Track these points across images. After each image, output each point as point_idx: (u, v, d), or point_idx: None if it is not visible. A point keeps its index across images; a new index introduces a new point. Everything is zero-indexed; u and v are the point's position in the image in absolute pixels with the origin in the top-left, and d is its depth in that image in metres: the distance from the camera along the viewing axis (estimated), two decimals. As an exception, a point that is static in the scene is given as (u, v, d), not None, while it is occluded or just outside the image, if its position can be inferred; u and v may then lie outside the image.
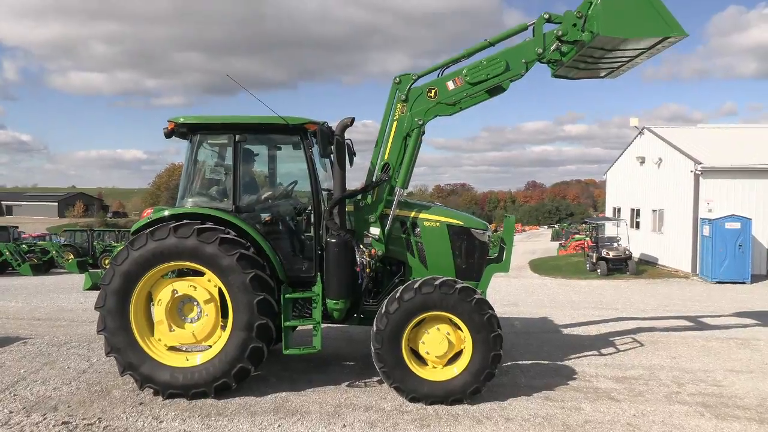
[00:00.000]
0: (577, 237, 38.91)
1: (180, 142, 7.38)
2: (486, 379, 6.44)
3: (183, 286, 6.66)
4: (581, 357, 8.68)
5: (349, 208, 7.30)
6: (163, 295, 6.63)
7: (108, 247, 32.05)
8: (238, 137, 7.01)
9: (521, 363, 8.23)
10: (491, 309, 6.44)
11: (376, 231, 7.15)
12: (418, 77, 7.25)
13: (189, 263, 6.58)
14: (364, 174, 7.46)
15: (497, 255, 7.66)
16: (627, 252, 24.22)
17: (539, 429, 5.88)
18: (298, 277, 7.05)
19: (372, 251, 7.02)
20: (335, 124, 7.07)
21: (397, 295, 6.43)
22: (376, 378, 7.13)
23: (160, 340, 6.68)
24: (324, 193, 7.32)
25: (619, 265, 23.76)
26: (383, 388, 6.89)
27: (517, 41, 7.30)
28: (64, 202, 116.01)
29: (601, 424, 6.04)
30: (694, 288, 19.25)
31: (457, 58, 7.28)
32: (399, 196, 7.19)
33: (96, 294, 6.77)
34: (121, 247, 6.79)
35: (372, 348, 6.45)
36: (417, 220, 7.33)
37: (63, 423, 5.88)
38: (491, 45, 7.29)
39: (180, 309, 6.74)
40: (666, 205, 24.65)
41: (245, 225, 6.78)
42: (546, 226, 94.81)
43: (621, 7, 6.77)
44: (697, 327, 11.31)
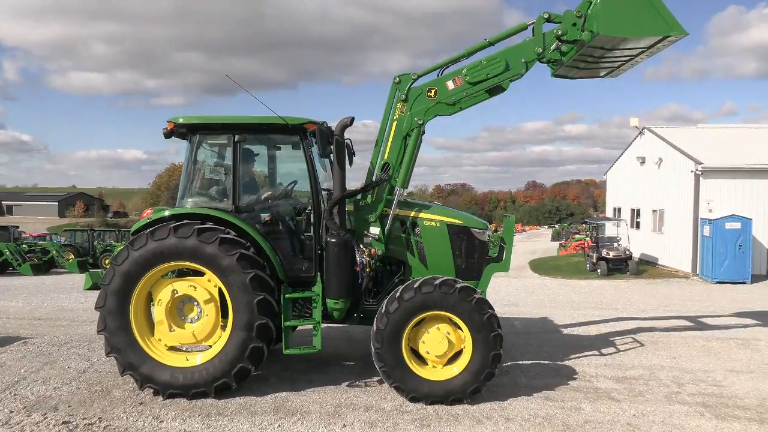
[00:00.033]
0: (578, 237, 38.90)
1: (180, 142, 7.39)
2: (486, 379, 6.44)
3: (183, 286, 6.67)
4: (581, 357, 8.68)
5: (349, 207, 7.30)
6: (163, 295, 6.63)
7: (108, 247, 32.08)
8: (237, 137, 7.01)
9: (521, 363, 8.23)
10: (491, 308, 6.44)
11: (376, 231, 7.15)
12: (417, 77, 7.24)
13: (189, 263, 6.58)
14: (363, 174, 7.45)
15: (497, 254, 7.67)
16: (627, 252, 24.23)
17: (539, 429, 5.88)
18: (298, 277, 7.05)
19: (372, 251, 7.03)
20: (335, 123, 7.08)
21: (397, 295, 6.43)
22: (376, 378, 7.13)
23: (160, 340, 6.69)
24: (324, 193, 7.32)
25: (620, 265, 23.77)
26: (383, 388, 6.89)
27: (517, 41, 7.31)
28: (64, 202, 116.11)
29: (601, 424, 6.04)
30: (694, 288, 19.25)
31: (457, 57, 7.27)
32: (399, 195, 7.19)
33: (96, 294, 6.78)
34: (122, 247, 6.79)
35: (372, 347, 6.45)
36: (417, 219, 7.33)
37: (63, 422, 5.88)
38: (491, 44, 7.29)
39: (180, 309, 6.74)
40: (666, 205, 24.64)
41: (245, 225, 6.78)
42: (546, 226, 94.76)
43: (621, 7, 6.77)
44: (698, 327, 11.31)
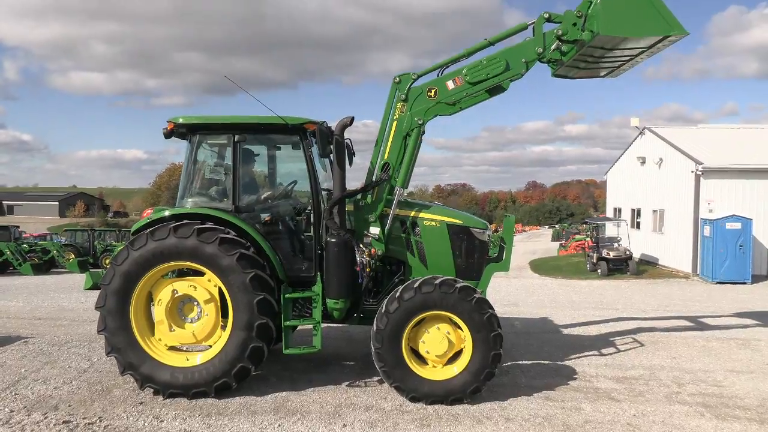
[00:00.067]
0: (578, 237, 38.94)
1: (180, 142, 7.39)
2: (486, 379, 6.43)
3: (183, 286, 6.67)
4: (581, 357, 8.67)
5: (349, 207, 7.30)
6: (164, 295, 6.63)
7: (109, 247, 32.10)
8: (237, 137, 7.02)
9: (521, 363, 8.23)
10: (491, 308, 6.44)
11: (376, 230, 7.15)
12: (418, 77, 7.24)
13: (189, 263, 6.58)
14: (363, 174, 7.45)
15: (497, 254, 7.67)
16: (627, 252, 24.23)
17: (539, 429, 5.88)
18: (298, 277, 7.05)
19: (372, 251, 7.02)
20: (335, 123, 7.08)
21: (397, 295, 6.43)
22: (376, 378, 7.13)
23: (160, 339, 6.69)
24: (324, 193, 7.32)
25: (620, 266, 23.77)
26: (383, 387, 6.89)
27: (517, 41, 7.31)
28: (64, 201, 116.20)
29: (602, 424, 6.03)
30: (694, 288, 19.25)
31: (457, 57, 7.27)
32: (399, 195, 7.19)
33: (96, 293, 6.78)
34: (122, 247, 6.79)
35: (372, 347, 6.45)
36: (417, 219, 7.33)
37: (64, 422, 5.88)
38: (491, 44, 7.28)
39: (180, 309, 6.74)
40: (666, 206, 24.64)
41: (245, 225, 6.78)
42: (546, 226, 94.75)
43: (621, 6, 6.76)
44: (698, 327, 11.31)
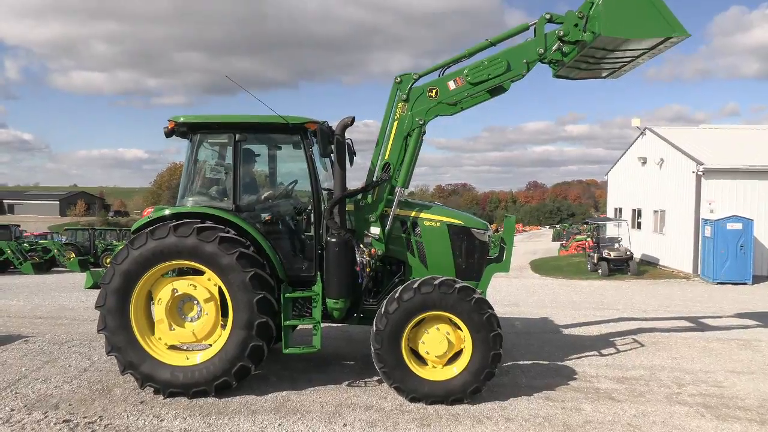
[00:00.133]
0: (579, 237, 38.97)
1: (181, 141, 7.38)
2: (486, 379, 6.43)
3: (183, 285, 6.67)
4: (582, 357, 8.67)
5: (350, 207, 7.29)
6: (163, 294, 6.63)
7: (109, 246, 32.11)
8: (238, 137, 7.02)
9: (522, 363, 8.23)
10: (491, 308, 6.44)
11: (376, 230, 7.15)
12: (419, 77, 7.24)
13: (189, 262, 6.58)
14: (364, 173, 7.47)
15: (497, 255, 7.66)
16: (628, 252, 24.22)
17: (540, 429, 5.88)
18: (298, 277, 7.05)
19: (372, 251, 7.02)
20: (335, 123, 7.08)
21: (397, 295, 6.42)
22: (376, 377, 7.13)
23: (160, 339, 6.69)
24: (324, 193, 7.32)
25: (621, 266, 23.76)
26: (383, 387, 6.89)
27: (519, 41, 7.30)
28: (65, 200, 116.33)
29: (602, 424, 6.03)
30: (695, 289, 19.23)
31: (458, 57, 7.27)
32: (399, 195, 7.19)
33: (97, 293, 6.78)
34: (122, 247, 6.80)
35: (372, 348, 6.45)
36: (417, 219, 7.33)
37: (64, 421, 5.89)
38: (492, 45, 7.28)
39: (180, 308, 6.74)
40: (667, 206, 24.62)
41: (245, 224, 6.78)
42: (547, 226, 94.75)
43: (622, 8, 6.75)
44: (699, 328, 11.30)
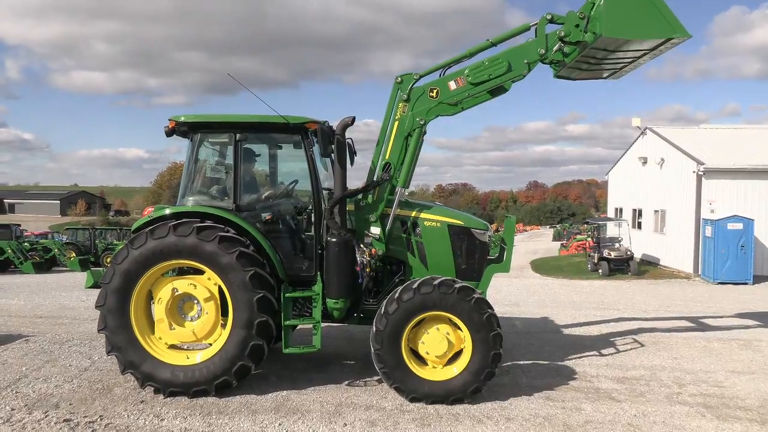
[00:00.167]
0: (579, 237, 38.95)
1: (182, 140, 7.39)
2: (486, 379, 6.43)
3: (183, 284, 6.67)
4: (582, 357, 8.67)
5: (350, 207, 7.29)
6: (164, 294, 6.64)
7: (110, 246, 32.16)
8: (238, 136, 7.01)
9: (522, 363, 8.22)
10: (490, 308, 6.43)
11: (376, 230, 7.15)
12: (420, 77, 7.23)
13: (189, 261, 6.58)
14: (365, 173, 7.46)
15: (498, 255, 7.66)
16: (629, 252, 24.21)
17: (540, 429, 5.88)
18: (298, 276, 7.05)
19: (372, 251, 7.02)
20: (336, 123, 7.08)
21: (396, 296, 6.42)
22: (376, 377, 7.12)
23: (160, 338, 6.69)
24: (324, 193, 7.31)
25: (621, 266, 23.75)
26: (384, 387, 6.89)
27: (520, 42, 7.30)
28: (66, 200, 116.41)
29: (602, 424, 6.03)
30: (695, 289, 19.23)
31: (459, 58, 7.27)
32: (400, 195, 7.19)
33: (97, 292, 6.78)
34: (122, 246, 6.80)
35: (372, 349, 6.45)
36: (418, 219, 7.33)
37: (65, 420, 5.89)
38: (493, 45, 7.28)
39: (180, 307, 6.74)
40: (668, 206, 24.61)
41: (245, 223, 6.77)
42: (548, 226, 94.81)
43: (624, 9, 6.74)
44: (699, 328, 11.30)
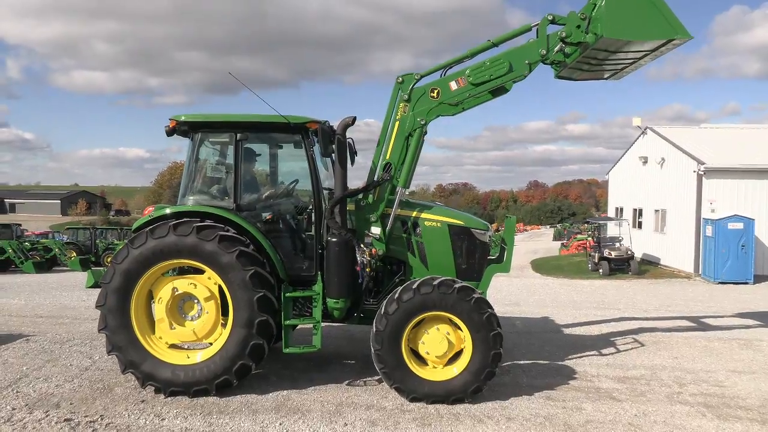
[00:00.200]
0: (579, 237, 38.90)
1: (182, 140, 7.39)
2: (486, 378, 6.43)
3: (183, 284, 6.67)
4: (583, 357, 8.67)
5: (350, 207, 7.29)
6: (164, 293, 6.64)
7: (110, 245, 32.10)
8: (239, 136, 7.01)
9: (523, 363, 8.22)
10: (490, 308, 6.43)
11: (377, 230, 7.15)
12: (420, 77, 7.23)
13: (189, 261, 6.58)
14: (365, 173, 7.45)
15: (498, 255, 7.66)
16: (629, 252, 24.20)
17: (540, 428, 5.88)
18: (298, 276, 7.05)
19: (373, 251, 7.02)
20: (337, 123, 7.08)
21: (396, 296, 6.42)
22: (376, 377, 7.12)
23: (161, 338, 6.69)
24: (325, 192, 7.31)
25: (621, 265, 23.74)
26: (384, 387, 6.88)
27: (521, 42, 7.30)
28: (66, 200, 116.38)
29: (603, 424, 6.03)
30: (696, 288, 19.22)
31: (460, 58, 7.27)
32: (400, 195, 7.19)
33: (98, 292, 6.78)
34: (122, 246, 6.80)
35: (372, 349, 6.45)
36: (418, 219, 7.33)
37: (65, 420, 5.89)
38: (494, 46, 7.27)
39: (180, 307, 6.75)
40: (668, 205, 24.60)
41: (246, 223, 6.78)
42: (548, 225, 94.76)
43: (625, 9, 6.74)
44: (700, 327, 11.29)
